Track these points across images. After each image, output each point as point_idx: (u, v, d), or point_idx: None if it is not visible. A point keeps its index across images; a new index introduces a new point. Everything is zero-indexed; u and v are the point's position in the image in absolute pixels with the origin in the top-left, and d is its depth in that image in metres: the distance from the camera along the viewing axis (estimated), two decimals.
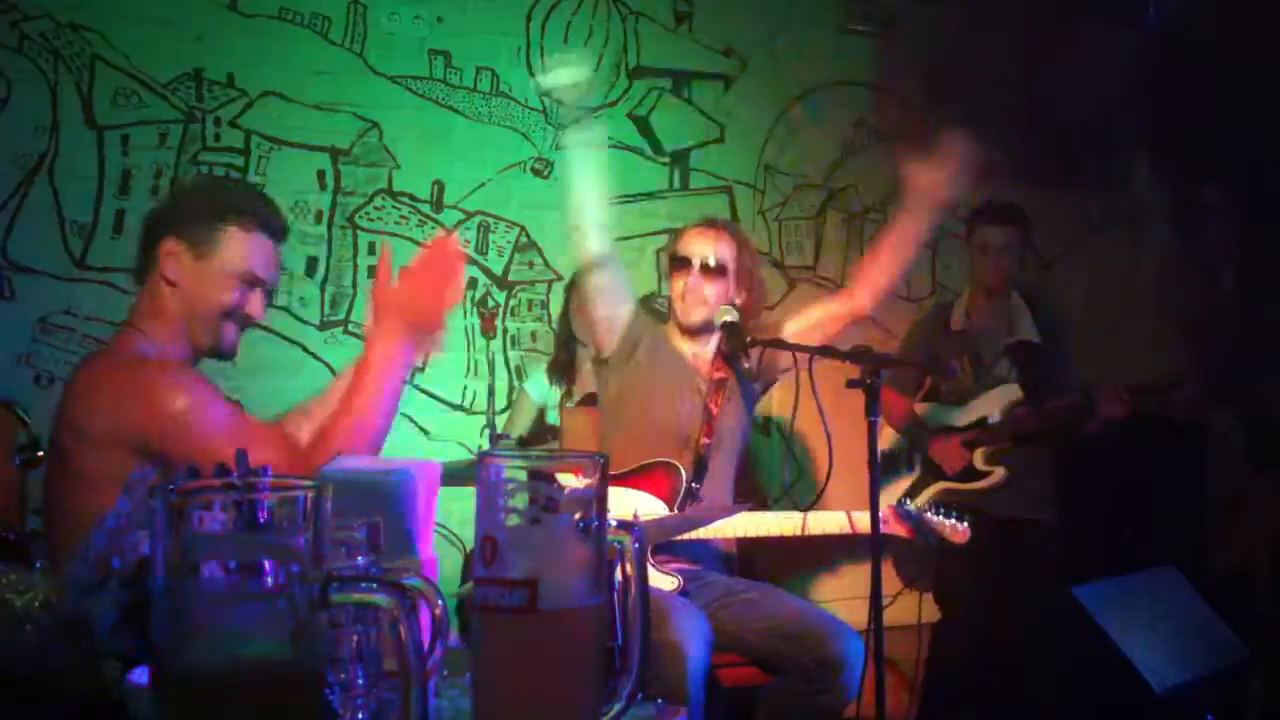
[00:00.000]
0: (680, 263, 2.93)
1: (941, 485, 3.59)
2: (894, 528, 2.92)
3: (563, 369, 3.73)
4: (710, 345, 2.98)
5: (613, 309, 2.92)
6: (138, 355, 1.97)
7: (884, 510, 2.81)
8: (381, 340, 1.92)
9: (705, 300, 2.90)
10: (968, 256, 3.85)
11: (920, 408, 3.76)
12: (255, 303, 2.05)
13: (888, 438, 3.96)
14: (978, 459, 3.63)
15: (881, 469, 3.72)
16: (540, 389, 3.77)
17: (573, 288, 3.75)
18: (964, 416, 3.69)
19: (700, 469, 2.87)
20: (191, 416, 1.87)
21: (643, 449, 2.84)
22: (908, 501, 3.01)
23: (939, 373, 3.63)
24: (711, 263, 2.90)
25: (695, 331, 2.95)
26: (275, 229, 2.07)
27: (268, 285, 2.08)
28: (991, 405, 3.66)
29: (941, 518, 2.93)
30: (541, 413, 3.77)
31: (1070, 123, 4.39)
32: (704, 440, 2.89)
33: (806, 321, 2.98)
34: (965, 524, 2.92)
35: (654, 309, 3.66)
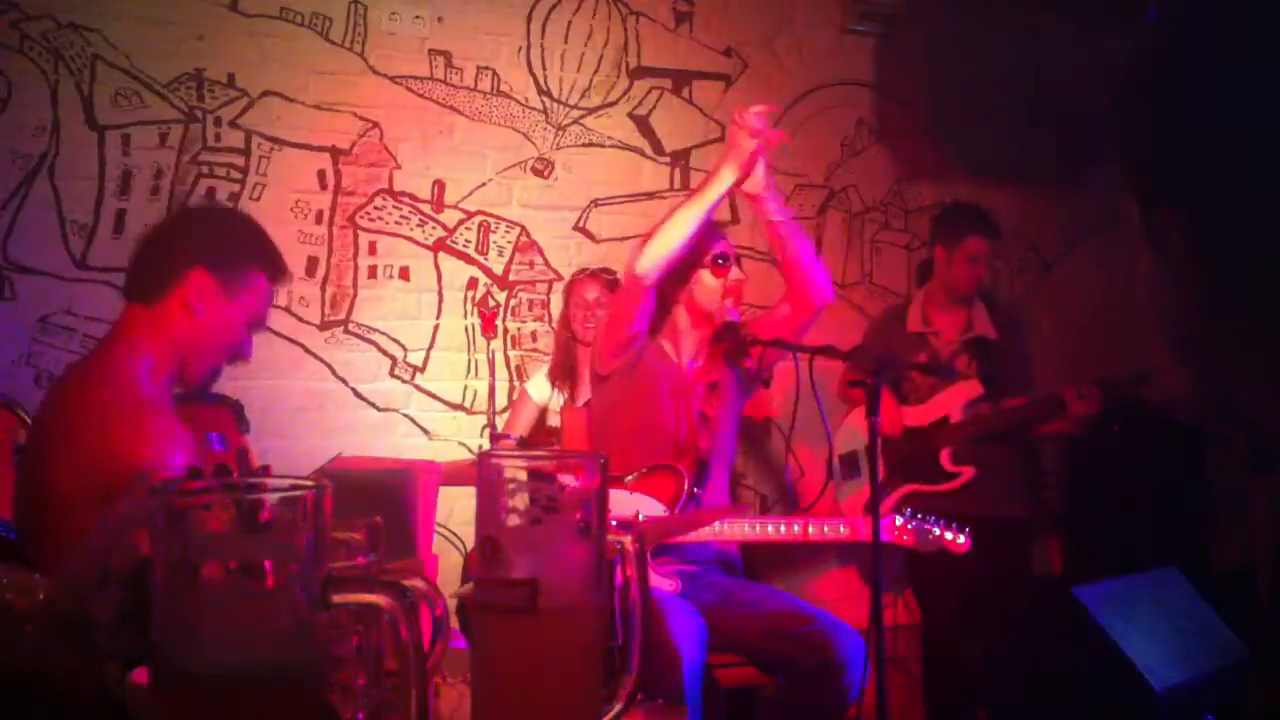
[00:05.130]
0: (722, 260, 2.82)
1: (909, 487, 3.54)
2: (895, 537, 2.91)
3: (565, 373, 3.70)
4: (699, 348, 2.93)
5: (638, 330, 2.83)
6: (129, 378, 1.90)
7: (885, 519, 2.80)
8: None
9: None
10: (937, 261, 3.75)
11: None
12: (249, 345, 2.06)
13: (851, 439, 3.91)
14: (944, 459, 3.60)
15: (845, 471, 3.72)
16: (540, 389, 3.76)
17: (571, 290, 3.74)
18: (925, 415, 3.67)
19: (702, 474, 2.85)
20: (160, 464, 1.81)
21: (637, 458, 2.79)
22: (908, 511, 3.00)
23: (940, 373, 3.61)
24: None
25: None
26: (282, 275, 2.10)
27: (262, 329, 2.10)
28: (952, 403, 3.63)
29: (941, 529, 2.92)
30: (541, 413, 3.76)
31: (1070, 123, 4.39)
32: (704, 445, 2.86)
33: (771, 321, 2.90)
34: (965, 535, 2.91)
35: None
